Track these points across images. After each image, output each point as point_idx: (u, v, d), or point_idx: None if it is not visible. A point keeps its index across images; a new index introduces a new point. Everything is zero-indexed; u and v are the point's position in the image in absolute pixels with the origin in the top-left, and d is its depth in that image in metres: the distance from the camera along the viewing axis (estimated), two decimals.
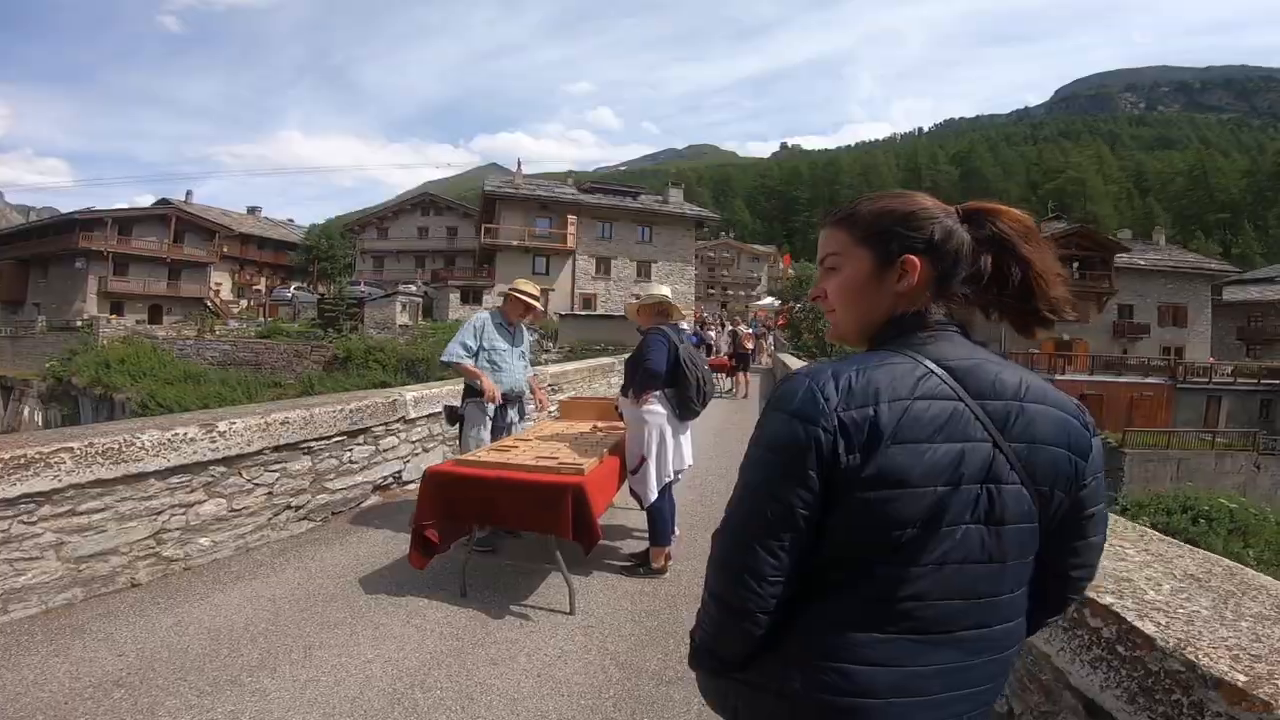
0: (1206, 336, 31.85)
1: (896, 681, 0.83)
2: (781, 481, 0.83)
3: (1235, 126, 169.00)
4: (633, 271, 34.72)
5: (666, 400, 3.42)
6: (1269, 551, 18.46)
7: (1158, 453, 22.00)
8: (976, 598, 0.86)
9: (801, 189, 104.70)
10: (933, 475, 0.81)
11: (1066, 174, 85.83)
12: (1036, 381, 0.89)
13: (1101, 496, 0.95)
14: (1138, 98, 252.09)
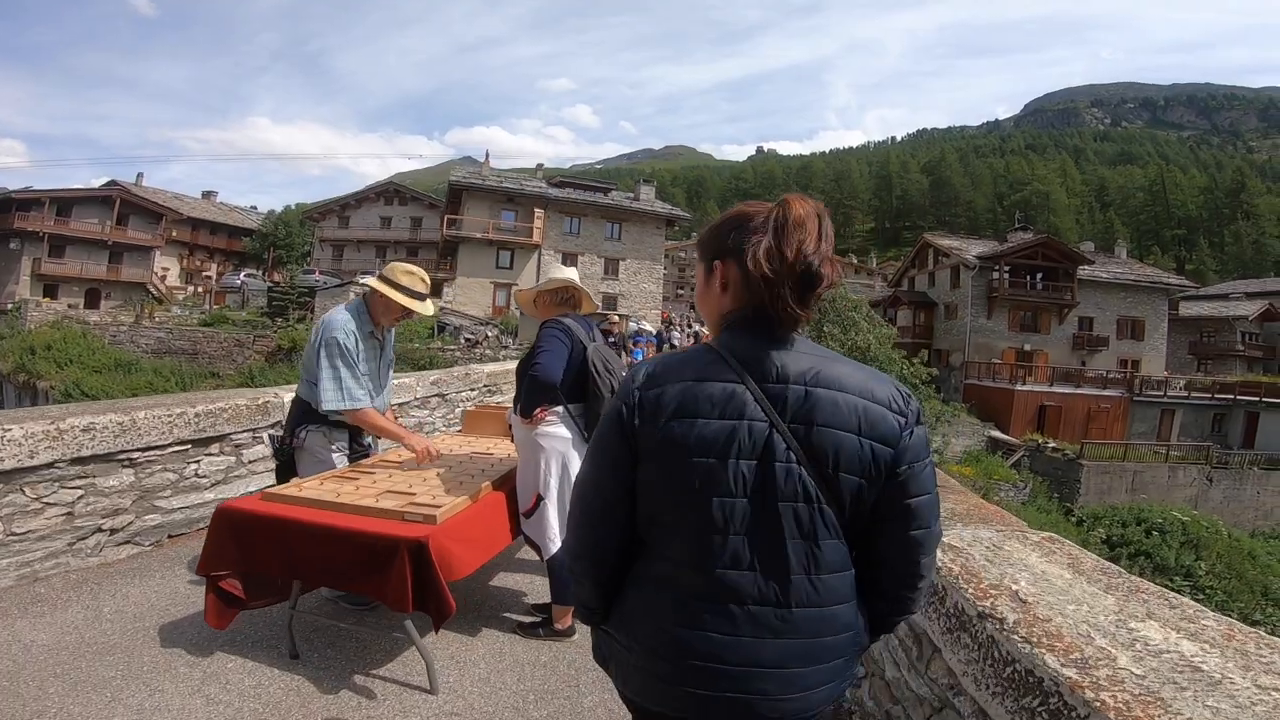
0: (1162, 350, 32.47)
1: (696, 644, 0.95)
2: (607, 446, 1.03)
3: (1195, 144, 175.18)
4: (600, 269, 34.08)
5: (572, 419, 2.60)
6: (1220, 564, 18.83)
7: (1114, 465, 22.26)
8: (757, 570, 0.94)
9: (775, 193, 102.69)
10: (707, 447, 0.94)
11: (1032, 186, 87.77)
12: (839, 371, 0.98)
13: (924, 487, 0.98)
14: (1103, 113, 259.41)
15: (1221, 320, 40.26)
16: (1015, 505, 20.46)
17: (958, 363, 29.74)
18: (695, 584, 0.96)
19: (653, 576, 1.01)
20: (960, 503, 2.38)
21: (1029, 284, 30.48)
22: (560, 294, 2.81)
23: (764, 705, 0.95)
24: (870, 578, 1.02)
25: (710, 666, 0.95)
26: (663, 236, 37.17)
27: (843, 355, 1.06)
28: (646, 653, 1.00)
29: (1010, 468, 22.47)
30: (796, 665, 0.95)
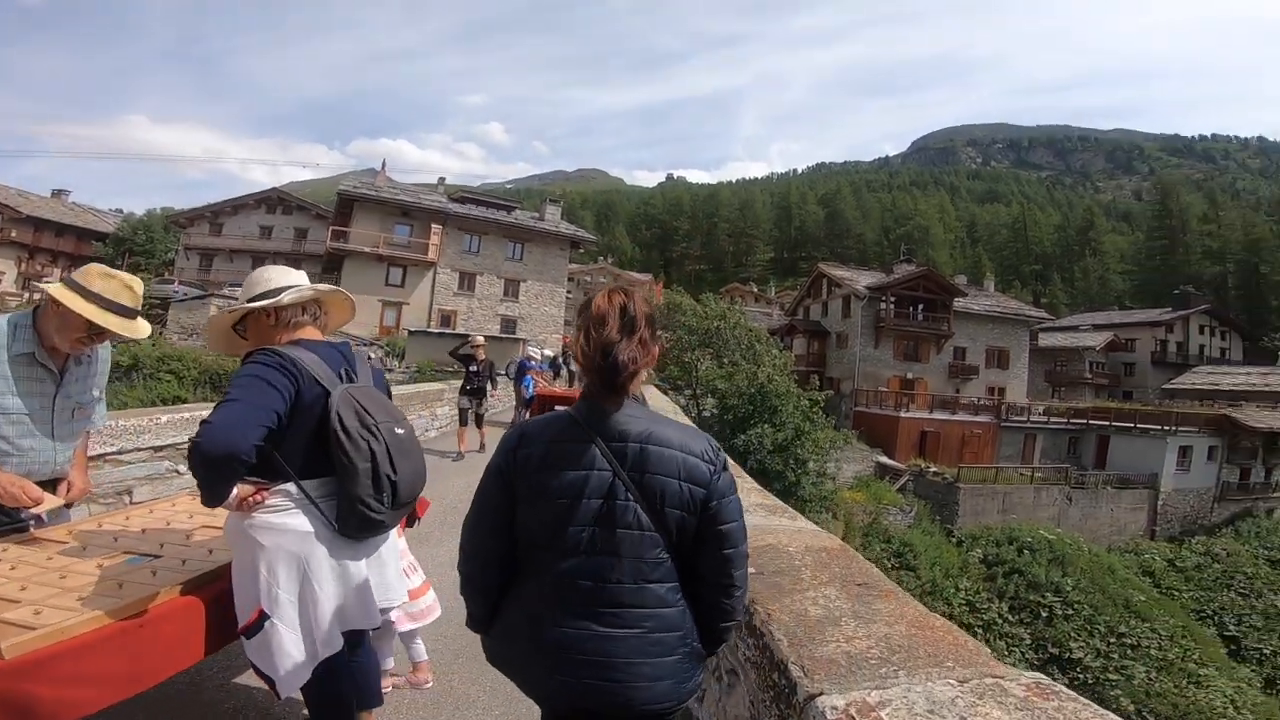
0: (1024, 378, 35.30)
1: (560, 641, 1.27)
2: (490, 494, 1.37)
3: (1052, 184, 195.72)
4: (499, 290, 33.01)
5: (312, 503, 1.75)
6: (1084, 579, 20.04)
7: (986, 487, 23.57)
8: (604, 581, 1.27)
9: (682, 220, 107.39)
10: (565, 490, 1.28)
11: (915, 221, 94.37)
12: (665, 432, 1.32)
13: (731, 517, 1.33)
14: (977, 152, 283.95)
15: (1073, 350, 44.61)
16: (902, 527, 21.29)
17: (848, 390, 30.97)
18: (560, 594, 1.29)
19: (528, 590, 1.35)
20: (894, 618, 1.60)
21: (911, 315, 32.33)
22: (291, 312, 1.88)
23: (619, 691, 1.27)
24: (695, 590, 1.35)
25: (575, 658, 1.27)
26: (567, 258, 36.62)
27: (668, 418, 1.41)
28: (526, 652, 1.34)
29: (897, 492, 23.32)
30: (638, 657, 1.28)
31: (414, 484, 1.87)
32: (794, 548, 2.33)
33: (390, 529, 1.90)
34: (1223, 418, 28.13)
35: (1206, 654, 19.30)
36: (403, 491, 1.79)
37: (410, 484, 1.83)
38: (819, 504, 17.69)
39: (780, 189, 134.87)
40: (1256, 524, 27.25)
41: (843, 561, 2.21)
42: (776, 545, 2.36)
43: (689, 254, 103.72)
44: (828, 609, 1.73)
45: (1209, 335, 48.34)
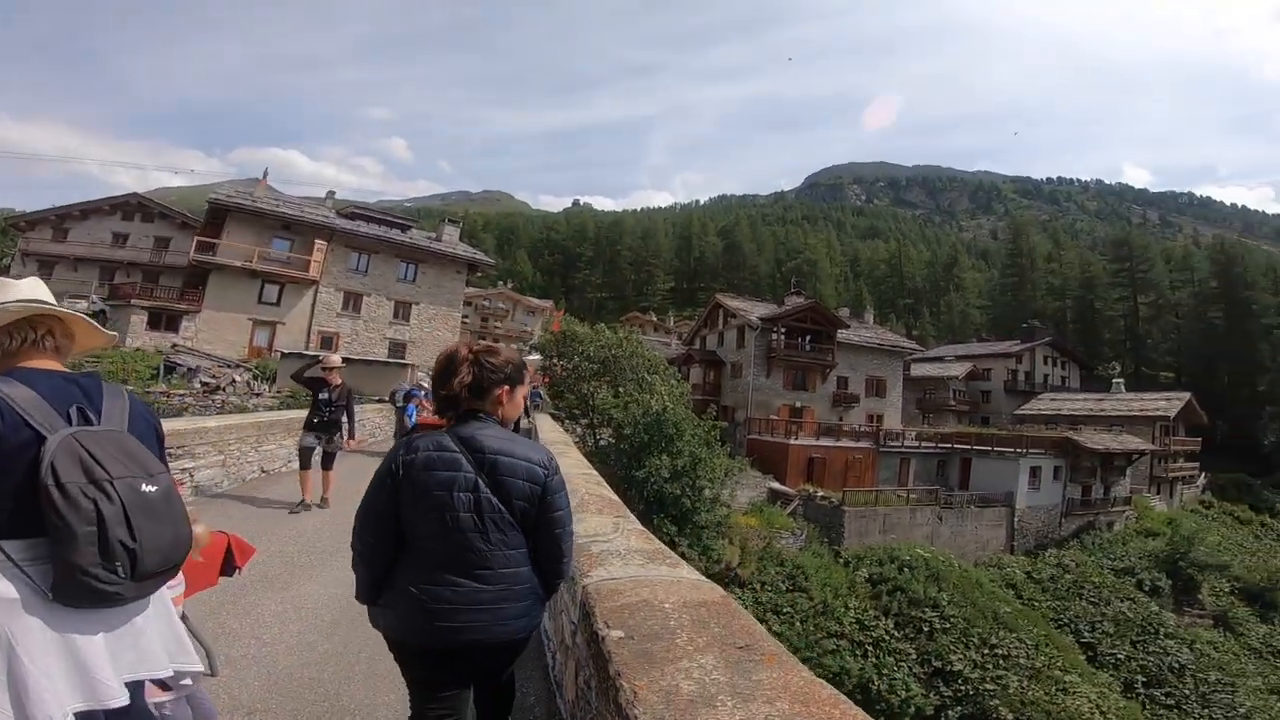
0: (899, 406, 37.78)
1: (442, 595, 1.83)
2: (381, 491, 1.92)
3: (924, 222, 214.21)
4: (389, 312, 31.40)
5: (13, 566, 1.41)
6: (957, 594, 21.10)
7: (868, 509, 24.71)
8: (474, 551, 1.86)
9: (586, 247, 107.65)
10: (440, 486, 1.86)
11: (805, 255, 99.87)
12: (513, 448, 1.95)
13: (560, 506, 2.02)
14: (861, 190, 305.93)
15: (939, 379, 48.48)
16: (794, 550, 21.84)
17: (741, 418, 31.86)
18: (439, 561, 1.87)
19: (414, 562, 1.90)
20: (776, 691, 1.50)
21: (800, 345, 33.80)
22: (14, 331, 1.57)
23: (485, 629, 1.87)
24: (536, 557, 2.00)
25: (451, 608, 1.84)
26: (463, 281, 35.54)
27: (519, 437, 2.08)
28: (410, 608, 1.86)
29: (788, 516, 23.93)
30: (501, 602, 1.89)
31: (165, 552, 1.53)
32: (670, 603, 2.16)
33: (139, 599, 1.55)
34: (1065, 440, 31.37)
35: (1069, 661, 20.63)
36: (146, 561, 1.47)
37: (158, 552, 1.50)
38: (715, 530, 17.89)
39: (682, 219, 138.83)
40: (1099, 536, 30.29)
41: (723, 619, 2.05)
42: (651, 601, 2.18)
43: (591, 281, 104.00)
44: (703, 683, 1.56)
45: (1052, 365, 54.07)
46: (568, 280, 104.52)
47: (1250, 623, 28.34)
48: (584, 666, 2.17)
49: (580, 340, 18.32)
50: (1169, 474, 39.37)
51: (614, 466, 16.58)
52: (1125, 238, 74.09)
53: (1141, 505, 34.41)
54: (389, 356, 29.91)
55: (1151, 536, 30.94)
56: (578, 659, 2.31)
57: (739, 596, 18.85)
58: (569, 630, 2.59)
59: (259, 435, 8.28)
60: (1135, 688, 21.47)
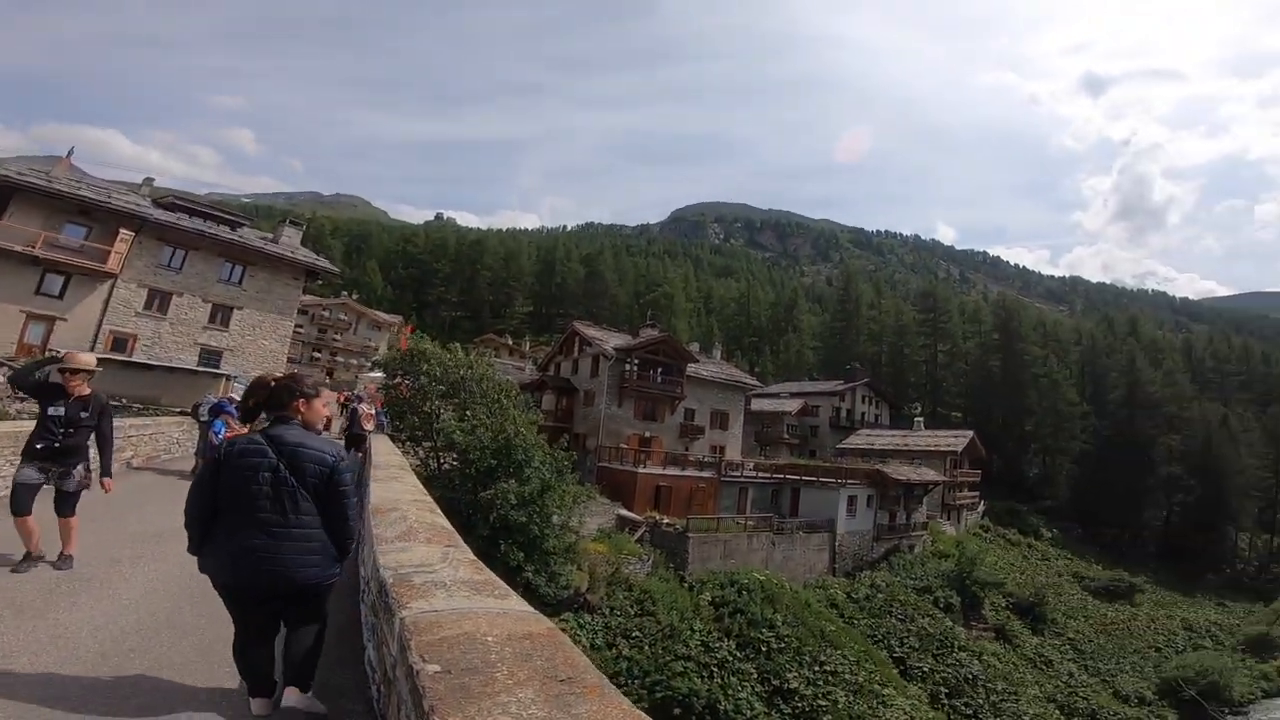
0: (739, 438, 40.07)
1: (252, 546, 2.77)
2: (205, 472, 2.96)
3: (772, 264, 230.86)
4: (204, 315, 27.91)
5: None
6: (790, 615, 22.31)
7: (711, 536, 25.81)
8: (275, 514, 2.81)
9: (444, 263, 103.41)
10: (250, 469, 2.83)
11: (663, 289, 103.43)
12: (309, 441, 2.99)
13: (346, 483, 2.98)
14: (721, 229, 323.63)
15: (776, 414, 52.30)
16: (642, 575, 22.20)
17: (593, 446, 32.06)
18: (250, 523, 2.79)
19: (231, 523, 2.81)
20: None
21: (652, 377, 34.84)
22: None
23: (285, 574, 2.79)
24: (328, 523, 2.92)
25: (259, 555, 2.76)
26: (300, 289, 32.53)
27: (314, 434, 3.13)
28: (228, 557, 2.79)
29: (636, 542, 24.35)
30: (297, 554, 2.82)
31: None
32: (494, 636, 2.13)
33: None
34: (876, 472, 35.07)
35: (885, 675, 22.44)
36: None
37: None
38: (564, 556, 17.87)
39: (548, 243, 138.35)
40: (903, 558, 33.83)
41: (547, 652, 2.04)
42: (474, 634, 2.13)
43: (446, 299, 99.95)
44: (520, 718, 1.55)
45: (868, 404, 60.54)
46: (421, 296, 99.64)
47: (1024, 635, 32.94)
48: (404, 701, 2.07)
49: (428, 359, 17.44)
50: (956, 502, 45.25)
51: (458, 491, 15.98)
52: (931, 290, 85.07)
53: (935, 530, 39.11)
54: (201, 364, 26.55)
55: (944, 558, 35.05)
56: (399, 693, 2.20)
57: (588, 623, 18.74)
58: (390, 663, 2.48)
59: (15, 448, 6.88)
60: (940, 698, 23.89)
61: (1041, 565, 45.31)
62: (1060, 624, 36.03)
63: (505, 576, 16.26)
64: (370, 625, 3.52)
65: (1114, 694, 31.06)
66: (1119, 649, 36.17)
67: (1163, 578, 51.68)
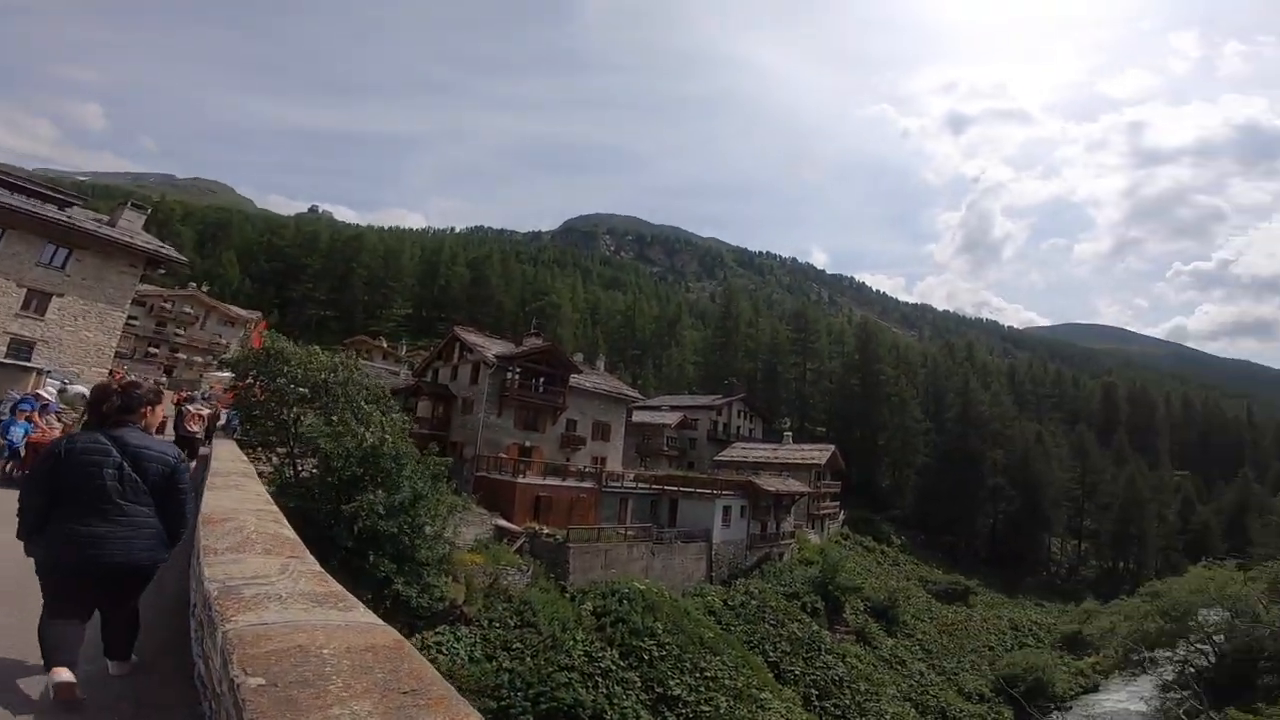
0: (620, 449, 40.43)
1: (95, 532, 3.18)
2: (43, 464, 3.36)
3: (659, 279, 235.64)
4: (16, 301, 24.12)
5: None
6: (670, 623, 22.70)
7: (591, 546, 25.82)
8: (114, 506, 3.23)
9: (315, 258, 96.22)
10: (93, 465, 3.25)
11: (550, 298, 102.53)
12: (149, 443, 3.50)
13: (181, 483, 3.51)
14: (612, 241, 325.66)
15: (656, 426, 53.36)
16: (521, 586, 21.76)
17: (470, 455, 31.04)
18: (91, 511, 3.18)
19: (70, 514, 3.17)
20: None
21: (534, 386, 34.36)
22: None
23: (122, 555, 3.19)
24: (164, 515, 3.41)
25: (96, 539, 3.15)
26: (137, 277, 28.88)
27: (154, 437, 3.74)
28: (65, 542, 3.14)
29: (515, 553, 23.90)
30: (136, 540, 3.26)
31: None
32: (331, 649, 1.99)
33: None
34: (749, 483, 36.74)
35: (761, 680, 23.29)
36: None
37: None
38: (438, 567, 17.34)
39: (433, 244, 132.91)
40: (774, 566, 35.57)
41: (391, 664, 1.94)
42: (307, 647, 1.98)
43: (314, 296, 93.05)
44: None
45: (744, 418, 63.32)
46: (285, 292, 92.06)
47: (881, 637, 35.45)
48: (230, 717, 1.91)
49: (287, 360, 16.10)
50: (820, 511, 48.34)
51: (318, 501, 14.92)
52: (803, 312, 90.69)
53: (801, 538, 41.55)
54: (8, 357, 22.88)
55: (809, 565, 37.15)
56: (225, 709, 2.03)
57: (465, 635, 18.18)
58: (216, 678, 2.28)
59: None
60: (812, 700, 25.23)
61: (893, 570, 49.21)
62: (910, 625, 39.19)
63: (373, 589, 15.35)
64: (198, 640, 3.25)
65: (958, 692, 34.08)
66: (959, 648, 39.87)
67: (991, 581, 57.98)
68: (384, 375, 37.32)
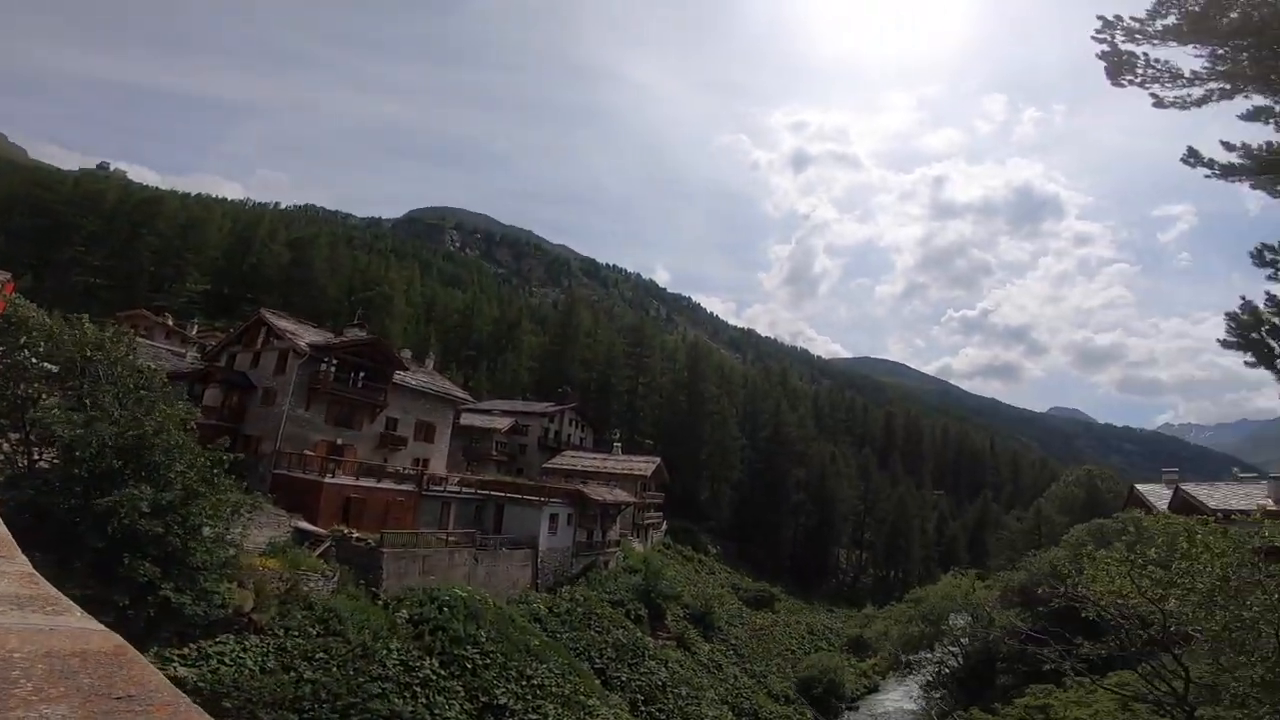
0: (445, 452, 38.80)
1: None
2: None
3: (503, 281, 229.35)
4: None
5: None
6: (494, 630, 22.27)
7: (408, 551, 24.56)
8: None
9: (95, 219, 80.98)
10: None
11: (382, 288, 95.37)
12: None
13: None
14: (459, 236, 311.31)
15: (486, 430, 52.04)
16: (325, 593, 20.32)
17: (268, 450, 27.93)
18: None
19: None
20: None
21: (352, 381, 31.85)
22: None
23: None
24: None
25: None
26: None
27: None
28: None
29: (318, 558, 22.10)
30: None
31: None
32: (24, 652, 1.64)
33: None
34: (577, 491, 37.05)
35: (588, 686, 23.45)
36: None
37: None
38: (218, 572, 15.77)
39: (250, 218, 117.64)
40: (599, 574, 36.00)
41: (104, 670, 1.64)
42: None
43: (87, 261, 78.26)
44: None
45: (576, 427, 63.84)
46: (51, 253, 76.45)
47: (699, 642, 37.39)
48: None
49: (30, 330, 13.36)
50: (644, 521, 50.07)
51: (59, 495, 12.66)
52: (640, 327, 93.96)
53: (626, 547, 42.70)
54: None
55: (633, 573, 38.18)
56: None
57: (254, 645, 16.64)
58: None
59: None
60: (638, 706, 25.82)
61: (709, 578, 52.34)
62: (725, 631, 41.86)
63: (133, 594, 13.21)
64: None
65: (768, 694, 36.75)
66: (767, 651, 43.26)
67: (793, 588, 63.87)
68: (165, 356, 32.42)
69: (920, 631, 37.75)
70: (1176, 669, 13.80)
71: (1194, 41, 11.64)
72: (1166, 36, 11.70)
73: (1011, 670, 28.81)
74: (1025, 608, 30.26)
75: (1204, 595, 11.13)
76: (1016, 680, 27.68)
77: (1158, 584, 12.44)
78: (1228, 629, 10.67)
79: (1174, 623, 12.81)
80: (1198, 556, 11.26)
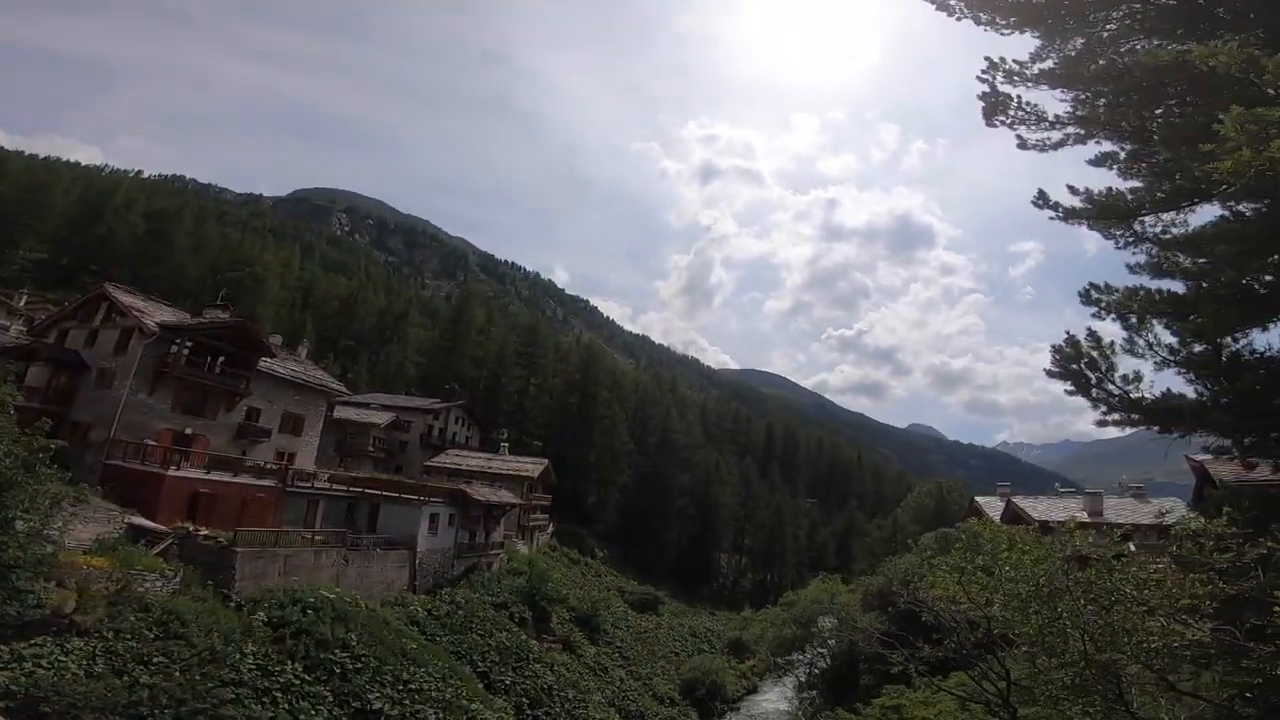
0: (315, 446, 36.16)
1: None
2: None
3: (393, 270, 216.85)
4: None
5: None
6: (366, 634, 21.20)
7: (267, 550, 22.88)
8: None
9: None
10: None
11: (254, 269, 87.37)
12: None
13: None
14: (348, 221, 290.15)
15: (363, 425, 49.30)
16: (166, 594, 18.63)
17: (100, 438, 24.85)
18: None
19: None
20: None
21: (208, 366, 29.09)
22: None
23: None
24: None
25: None
26: None
27: None
28: None
29: (157, 556, 20.09)
30: None
31: None
32: None
33: None
34: (459, 491, 35.81)
35: (471, 690, 22.79)
36: None
37: None
38: (33, 570, 14.42)
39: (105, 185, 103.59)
40: (482, 575, 35.05)
41: None
42: None
43: None
44: None
45: (461, 425, 61.88)
46: None
47: (585, 645, 37.17)
48: None
49: None
50: (530, 523, 49.29)
51: None
52: (535, 326, 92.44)
53: (511, 549, 41.86)
54: None
55: (518, 575, 37.52)
56: None
57: (76, 648, 15.07)
58: None
59: None
60: (524, 709, 25.34)
61: (595, 581, 52.38)
62: (611, 634, 41.95)
63: None
64: None
65: (654, 696, 37.13)
66: (652, 654, 43.77)
67: (677, 591, 65.21)
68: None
69: (793, 634, 39.61)
70: (1000, 670, 14.63)
71: (1063, 85, 12.66)
72: (1041, 80, 12.69)
73: (872, 671, 30.14)
74: (883, 610, 32.27)
75: (1022, 600, 11.82)
76: (876, 680, 29.21)
77: (984, 589, 13.08)
78: (1042, 632, 11.47)
79: (997, 626, 13.66)
80: (1017, 563, 12.01)
